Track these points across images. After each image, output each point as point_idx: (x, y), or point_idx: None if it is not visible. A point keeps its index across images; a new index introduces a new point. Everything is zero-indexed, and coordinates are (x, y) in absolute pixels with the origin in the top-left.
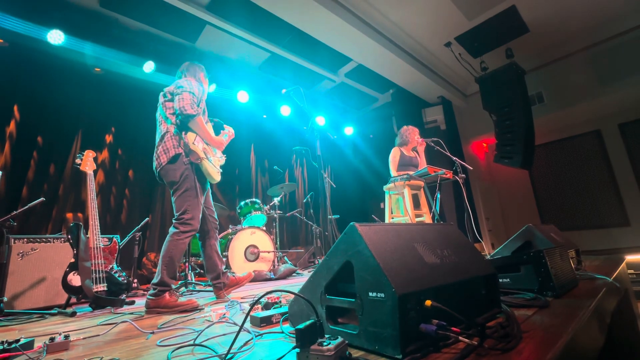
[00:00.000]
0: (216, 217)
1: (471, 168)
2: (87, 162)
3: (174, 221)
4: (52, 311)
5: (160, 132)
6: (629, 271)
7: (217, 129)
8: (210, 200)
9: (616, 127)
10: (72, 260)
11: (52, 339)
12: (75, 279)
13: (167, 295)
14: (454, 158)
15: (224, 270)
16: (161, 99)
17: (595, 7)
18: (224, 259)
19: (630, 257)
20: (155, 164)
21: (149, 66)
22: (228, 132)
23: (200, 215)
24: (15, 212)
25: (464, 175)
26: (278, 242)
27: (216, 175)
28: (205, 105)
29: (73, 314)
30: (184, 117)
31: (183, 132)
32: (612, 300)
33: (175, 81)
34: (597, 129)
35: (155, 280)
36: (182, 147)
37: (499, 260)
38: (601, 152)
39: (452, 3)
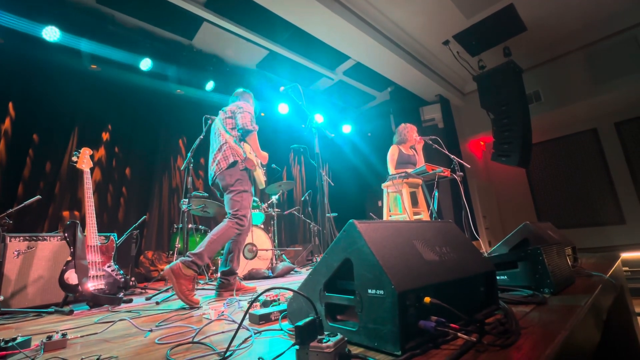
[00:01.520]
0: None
1: (469, 166)
2: (84, 159)
3: (229, 216)
4: (49, 309)
5: (219, 143)
6: (624, 268)
7: None
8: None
9: (612, 126)
10: (69, 258)
11: (49, 337)
12: (72, 277)
13: (191, 277)
14: (452, 156)
15: (236, 273)
16: (222, 115)
17: (592, 6)
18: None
19: (626, 255)
20: (215, 168)
21: (145, 63)
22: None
23: (250, 216)
24: (11, 210)
25: (461, 174)
26: (276, 240)
27: (263, 183)
28: None
29: (70, 312)
30: (245, 131)
31: (242, 143)
32: (608, 297)
33: (234, 102)
34: (594, 128)
35: (195, 251)
36: (240, 156)
37: (496, 258)
38: (597, 150)
39: (450, 1)
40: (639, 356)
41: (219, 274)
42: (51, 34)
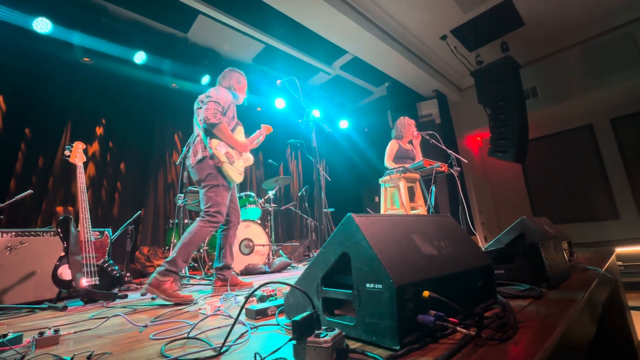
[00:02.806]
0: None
1: (466, 161)
2: (77, 154)
3: (202, 214)
4: (43, 305)
5: (193, 136)
6: (618, 263)
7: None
8: (236, 197)
9: (608, 122)
10: (62, 253)
11: (41, 334)
12: (65, 273)
13: (170, 281)
14: (449, 151)
15: (232, 268)
16: (195, 106)
17: (589, 1)
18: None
19: (620, 249)
20: (187, 162)
21: (140, 56)
22: (261, 131)
23: (226, 210)
24: (2, 205)
25: (458, 169)
26: (273, 236)
27: (237, 177)
28: (235, 110)
29: (64, 308)
30: (207, 125)
31: (209, 138)
32: (603, 291)
33: (209, 89)
34: (590, 124)
35: (169, 258)
36: (207, 152)
37: (493, 252)
38: (593, 146)
39: None
40: (633, 349)
41: (213, 270)
42: (42, 25)
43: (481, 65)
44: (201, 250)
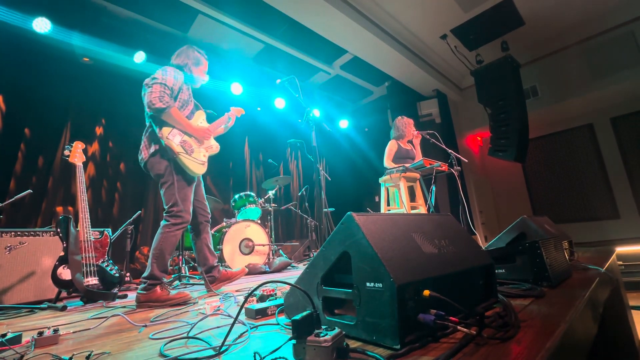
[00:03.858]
0: (209, 210)
1: (466, 160)
2: (76, 153)
3: (164, 214)
4: (42, 305)
5: (145, 127)
6: (619, 262)
7: (212, 120)
8: (202, 192)
9: (608, 121)
10: (62, 253)
11: (40, 333)
12: (65, 273)
13: (158, 289)
14: (449, 150)
15: (217, 264)
16: (142, 93)
17: (589, 0)
18: (218, 253)
19: (620, 249)
20: (139, 158)
21: (139, 56)
22: (230, 114)
23: (191, 208)
24: (1, 205)
25: (459, 168)
26: (273, 235)
27: (197, 169)
28: (190, 93)
29: (64, 308)
30: (153, 111)
31: (158, 127)
32: (604, 290)
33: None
34: (590, 123)
35: (145, 274)
36: (158, 143)
37: (494, 252)
38: (593, 145)
39: None
40: (634, 348)
41: (203, 274)
42: (42, 25)
43: (481, 64)
44: (179, 256)
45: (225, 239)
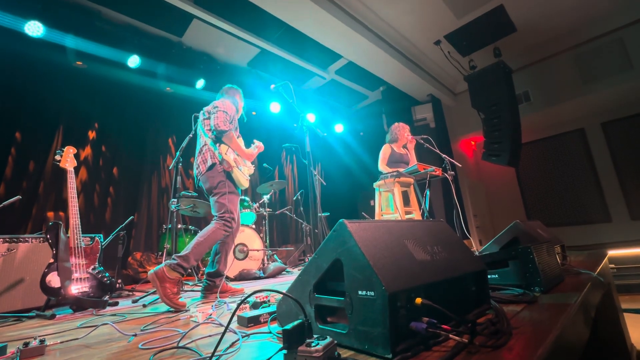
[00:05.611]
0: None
1: (460, 165)
2: (67, 158)
3: (215, 219)
4: (30, 314)
5: (200, 145)
6: (611, 265)
7: (248, 145)
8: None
9: (599, 126)
10: (52, 260)
11: (26, 344)
12: (54, 280)
13: (175, 280)
14: (443, 155)
15: (223, 274)
16: (201, 117)
17: (580, 7)
18: None
19: (612, 252)
20: (196, 172)
21: (133, 60)
22: (257, 145)
23: (238, 217)
24: None
25: (453, 173)
26: (267, 240)
27: (245, 182)
28: (237, 123)
29: (52, 317)
30: (218, 132)
31: (217, 144)
32: (596, 294)
33: (213, 102)
34: (581, 128)
35: (181, 253)
36: (216, 158)
37: (487, 257)
38: (585, 150)
39: (441, 1)
40: (626, 351)
41: (205, 276)
42: (34, 29)
43: (474, 70)
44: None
45: None
